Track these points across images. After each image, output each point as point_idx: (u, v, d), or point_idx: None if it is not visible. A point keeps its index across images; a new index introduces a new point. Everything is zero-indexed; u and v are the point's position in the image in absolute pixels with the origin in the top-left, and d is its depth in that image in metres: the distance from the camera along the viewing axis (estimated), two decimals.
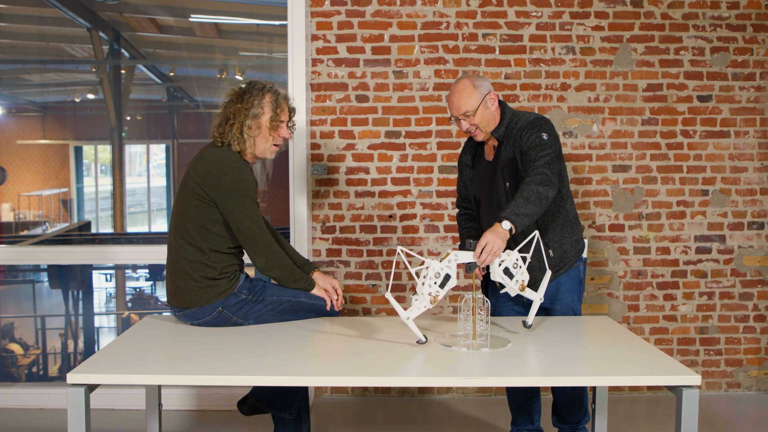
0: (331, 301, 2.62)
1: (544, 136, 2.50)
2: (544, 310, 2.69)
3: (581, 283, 2.76)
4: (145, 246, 4.84)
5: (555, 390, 2.86)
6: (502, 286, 2.33)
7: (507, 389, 2.97)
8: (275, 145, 2.56)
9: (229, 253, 2.52)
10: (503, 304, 2.77)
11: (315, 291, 2.60)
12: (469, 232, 2.85)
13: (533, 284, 2.49)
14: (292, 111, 2.61)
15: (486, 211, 2.74)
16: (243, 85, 2.55)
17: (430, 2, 3.68)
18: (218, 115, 2.55)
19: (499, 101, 2.67)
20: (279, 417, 2.63)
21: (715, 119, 3.75)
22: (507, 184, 2.60)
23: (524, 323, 2.43)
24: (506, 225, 2.28)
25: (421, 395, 3.81)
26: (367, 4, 3.67)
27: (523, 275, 2.30)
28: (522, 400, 2.91)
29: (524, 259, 2.32)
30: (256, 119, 2.49)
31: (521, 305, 2.75)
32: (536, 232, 2.37)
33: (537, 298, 2.38)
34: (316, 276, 2.65)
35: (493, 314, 2.68)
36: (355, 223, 3.75)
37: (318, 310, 2.62)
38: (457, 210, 2.97)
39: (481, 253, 2.23)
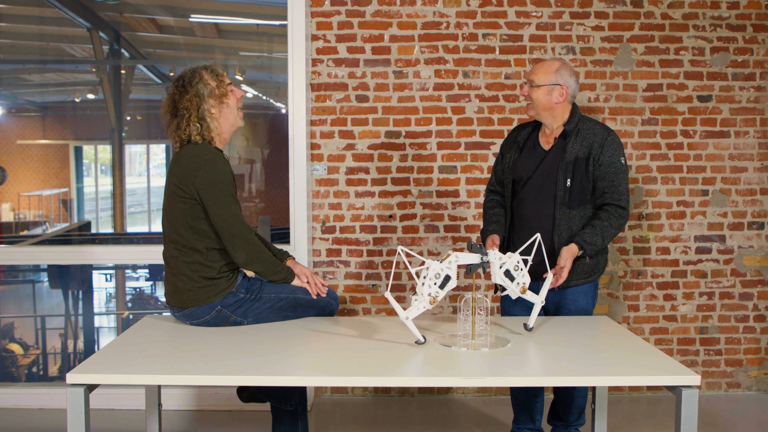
0: (317, 291, 2.62)
1: (623, 160, 2.67)
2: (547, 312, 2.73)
3: (596, 287, 2.86)
4: (145, 246, 4.83)
5: (555, 389, 2.89)
6: (504, 289, 2.34)
7: (511, 387, 2.99)
8: (239, 109, 2.56)
9: (225, 250, 2.51)
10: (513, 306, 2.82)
11: (295, 282, 2.60)
12: (493, 218, 2.87)
13: (533, 287, 2.50)
14: (225, 72, 2.60)
15: (529, 198, 2.76)
16: (174, 83, 2.51)
17: (430, 2, 3.68)
18: (169, 121, 2.51)
19: (574, 104, 2.75)
20: (277, 408, 2.62)
21: (715, 119, 3.75)
22: (569, 181, 2.66)
23: (525, 326, 2.43)
24: (579, 251, 2.59)
25: (421, 395, 3.81)
26: (367, 4, 3.67)
27: (524, 278, 2.30)
28: (524, 399, 2.93)
29: (525, 262, 2.32)
30: (213, 96, 2.47)
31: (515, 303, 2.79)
32: (538, 235, 2.38)
33: (538, 301, 2.38)
34: (290, 264, 2.66)
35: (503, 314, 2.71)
36: (355, 223, 3.75)
37: (316, 306, 2.62)
38: (486, 196, 3.00)
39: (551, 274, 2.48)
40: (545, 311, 2.77)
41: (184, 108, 2.46)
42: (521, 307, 2.77)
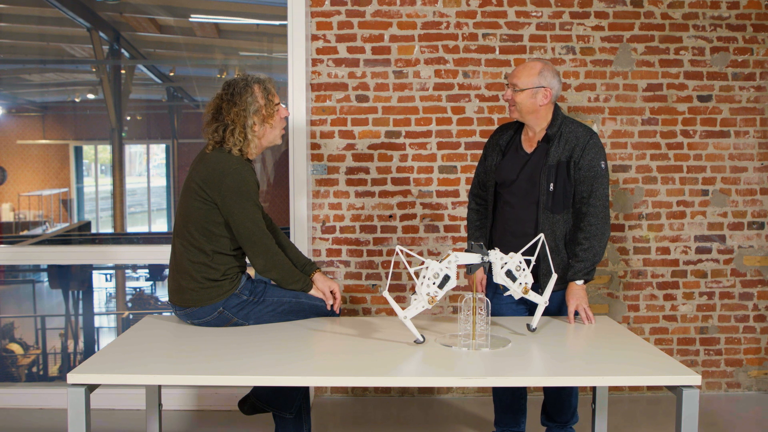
0: (332, 304, 2.62)
1: (603, 165, 2.64)
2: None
3: None
4: (145, 246, 4.84)
5: (546, 389, 2.87)
6: (506, 289, 2.33)
7: (494, 389, 2.97)
8: (281, 128, 2.57)
9: (232, 255, 2.52)
10: (502, 303, 2.78)
11: (312, 292, 2.60)
12: (474, 234, 2.90)
13: (537, 289, 2.50)
14: (276, 89, 2.60)
15: (512, 201, 2.74)
16: (224, 89, 2.51)
17: (430, 2, 3.68)
18: (210, 122, 2.52)
19: (555, 105, 2.71)
20: (279, 416, 2.63)
21: (715, 119, 3.75)
22: (552, 185, 2.63)
23: (528, 327, 2.43)
24: (580, 282, 2.62)
25: (421, 395, 3.81)
26: (367, 4, 3.67)
27: (526, 278, 2.29)
28: (509, 400, 2.91)
29: (528, 262, 2.31)
30: (258, 114, 2.49)
31: (520, 302, 2.75)
32: (541, 236, 2.37)
33: (542, 301, 2.37)
34: (317, 277, 2.65)
35: (493, 313, 2.69)
36: (355, 223, 3.75)
37: (318, 311, 2.62)
38: (468, 203, 2.98)
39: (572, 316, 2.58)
40: (528, 313, 2.76)
41: (229, 119, 2.47)
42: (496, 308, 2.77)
